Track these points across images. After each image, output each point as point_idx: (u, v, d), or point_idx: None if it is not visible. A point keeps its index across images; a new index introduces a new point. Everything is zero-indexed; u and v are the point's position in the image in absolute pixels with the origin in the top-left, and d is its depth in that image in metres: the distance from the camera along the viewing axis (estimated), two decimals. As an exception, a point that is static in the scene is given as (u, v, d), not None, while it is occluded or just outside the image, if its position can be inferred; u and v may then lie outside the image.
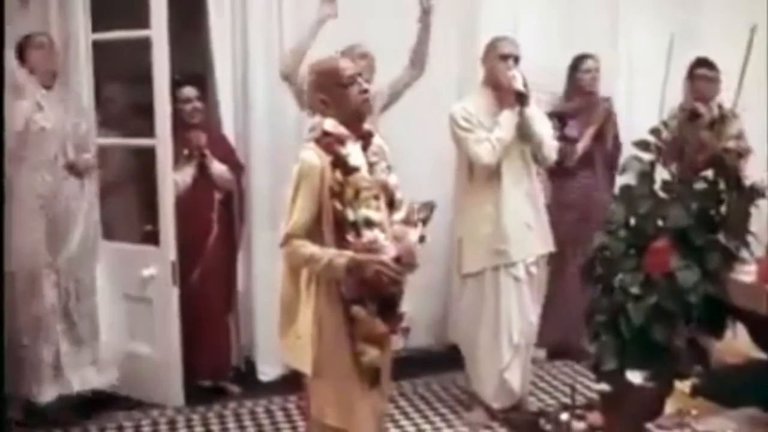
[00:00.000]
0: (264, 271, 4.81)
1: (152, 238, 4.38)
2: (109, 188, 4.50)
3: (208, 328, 4.50)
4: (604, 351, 2.90)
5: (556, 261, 4.71)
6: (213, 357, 4.57)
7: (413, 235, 2.91)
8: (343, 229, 2.75)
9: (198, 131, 4.45)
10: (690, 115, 3.23)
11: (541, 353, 4.98)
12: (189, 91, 4.47)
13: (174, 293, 4.31)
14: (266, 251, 4.79)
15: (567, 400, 4.39)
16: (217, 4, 4.64)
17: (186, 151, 4.43)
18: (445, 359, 4.81)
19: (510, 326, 4.13)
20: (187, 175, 4.42)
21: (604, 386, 2.97)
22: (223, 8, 4.68)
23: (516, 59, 4.08)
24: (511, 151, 4.06)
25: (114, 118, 4.53)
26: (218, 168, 4.47)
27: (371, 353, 2.80)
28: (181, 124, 4.39)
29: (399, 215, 2.92)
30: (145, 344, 4.44)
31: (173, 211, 4.27)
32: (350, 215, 2.75)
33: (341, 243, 2.73)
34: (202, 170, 4.45)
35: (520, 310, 4.15)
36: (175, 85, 4.37)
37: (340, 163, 2.75)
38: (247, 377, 4.81)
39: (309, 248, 2.70)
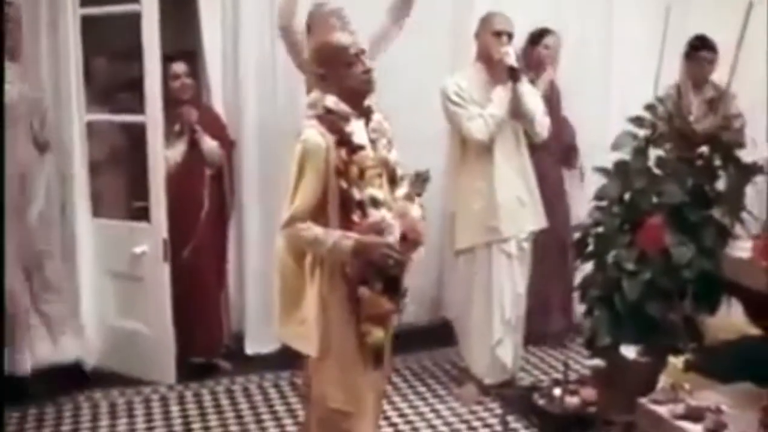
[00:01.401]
0: (254, 246, 4.82)
1: (143, 215, 4.35)
2: (99, 165, 4.47)
3: (200, 305, 4.50)
4: (598, 326, 2.92)
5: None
6: (205, 334, 4.55)
7: (416, 211, 2.89)
8: (348, 210, 2.71)
9: (189, 107, 4.41)
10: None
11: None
12: (179, 67, 4.43)
13: (165, 270, 4.30)
14: (256, 226, 4.82)
15: (557, 377, 4.49)
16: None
17: (177, 127, 4.40)
18: (435, 335, 4.82)
19: (502, 302, 4.14)
20: (177, 151, 4.39)
21: (598, 361, 2.98)
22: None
23: (509, 35, 4.07)
24: (503, 128, 4.06)
25: (103, 95, 4.49)
26: (209, 144, 4.44)
27: (376, 333, 2.77)
28: (171, 100, 4.36)
29: (401, 191, 2.88)
30: (136, 321, 4.43)
31: (164, 187, 4.25)
32: (356, 195, 2.71)
33: (346, 223, 2.70)
34: (193, 146, 4.41)
35: (512, 285, 4.16)
36: (165, 60, 4.32)
37: (344, 141, 2.70)
38: (236, 353, 4.81)
39: (313, 230, 2.65)
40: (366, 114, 2.81)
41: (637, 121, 3.00)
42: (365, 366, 2.81)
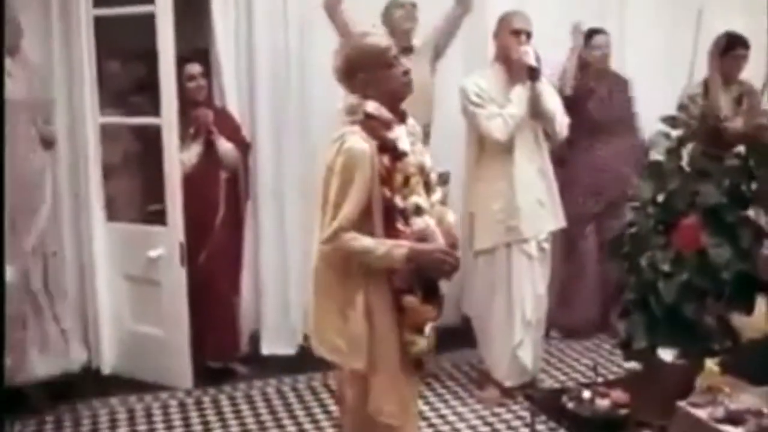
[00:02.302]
0: (270, 247, 4.79)
1: (158, 218, 4.31)
2: (113, 169, 4.42)
3: (216, 309, 4.45)
4: (634, 329, 2.88)
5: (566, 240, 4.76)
6: (222, 338, 4.51)
7: (451, 216, 2.86)
8: (391, 218, 2.63)
9: (204, 109, 4.36)
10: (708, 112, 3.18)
11: (554, 333, 4.98)
12: (193, 68, 4.38)
13: (182, 274, 4.25)
14: (272, 227, 4.78)
15: (576, 378, 4.47)
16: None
17: (192, 130, 4.35)
18: (454, 336, 4.74)
19: (523, 303, 4.12)
20: (193, 154, 4.34)
21: (633, 364, 2.95)
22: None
23: (528, 35, 4.03)
24: (523, 128, 4.03)
25: (117, 97, 4.44)
26: (225, 146, 4.39)
27: (421, 343, 2.71)
28: (186, 102, 4.30)
29: (436, 196, 2.83)
30: (152, 326, 4.38)
31: (180, 190, 4.20)
32: (399, 202, 2.64)
33: (390, 232, 2.62)
34: (209, 149, 4.36)
35: (532, 286, 4.14)
36: (179, 61, 4.27)
37: (388, 148, 2.63)
38: (252, 356, 4.77)
39: (361, 240, 2.57)
40: (402, 118, 2.74)
41: (670, 120, 2.96)
42: (409, 375, 2.76)
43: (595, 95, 4.87)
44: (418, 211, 2.69)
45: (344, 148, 2.59)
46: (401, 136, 2.70)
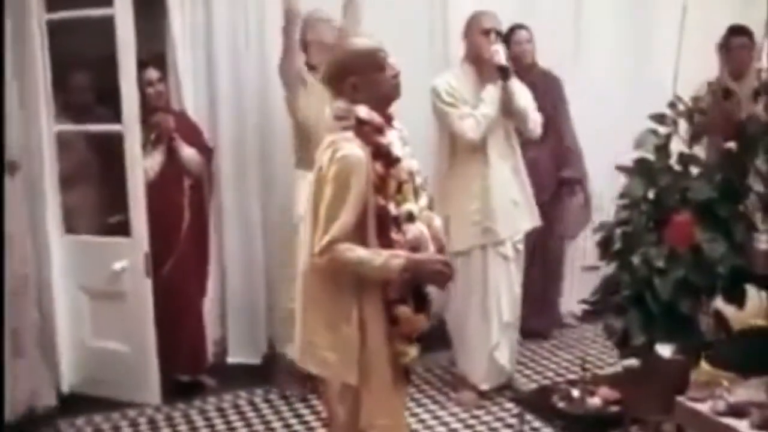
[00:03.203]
0: (235, 253, 4.67)
1: (121, 229, 4.14)
2: (70, 179, 4.24)
3: (184, 320, 4.32)
4: (631, 326, 2.88)
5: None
6: (189, 350, 4.38)
7: (437, 221, 2.81)
8: (385, 226, 2.56)
9: (165, 114, 4.23)
10: (724, 94, 3.20)
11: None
12: (151, 73, 4.23)
13: (148, 286, 4.10)
14: (236, 231, 4.66)
15: (549, 377, 4.49)
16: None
17: (153, 136, 4.20)
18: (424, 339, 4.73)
19: (500, 305, 4.11)
20: (155, 161, 4.20)
21: (633, 361, 2.95)
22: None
23: (498, 33, 4.02)
24: (495, 127, 4.01)
25: (74, 105, 4.25)
26: (187, 152, 4.26)
27: (411, 353, 2.67)
28: (144, 108, 4.16)
29: (423, 201, 2.75)
30: (116, 341, 4.21)
31: (144, 199, 4.05)
32: (393, 210, 2.58)
33: (384, 241, 2.55)
34: (171, 155, 4.23)
35: (509, 288, 4.13)
36: (137, 67, 4.12)
37: (382, 154, 2.56)
38: (218, 367, 4.64)
39: (356, 252, 2.49)
40: (390, 122, 2.67)
41: (659, 118, 2.97)
42: (399, 386, 2.71)
43: None
44: (411, 218, 2.64)
45: (338, 155, 2.51)
46: (394, 141, 2.64)
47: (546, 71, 4.84)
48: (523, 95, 4.04)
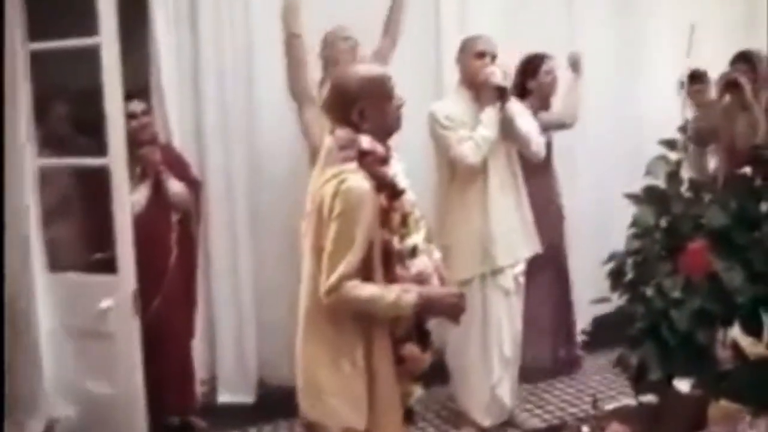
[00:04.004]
0: (223, 290, 4.54)
1: (106, 266, 3.98)
2: (53, 215, 4.08)
3: (173, 360, 4.18)
4: (648, 360, 2.76)
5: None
6: (179, 391, 4.23)
7: (437, 253, 2.71)
8: (389, 261, 2.46)
9: (151, 147, 4.10)
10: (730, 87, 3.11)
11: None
12: (136, 106, 4.11)
13: (135, 325, 3.90)
14: (225, 269, 4.54)
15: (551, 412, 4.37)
16: (162, 11, 4.30)
17: (139, 170, 4.07)
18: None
19: (500, 339, 4.00)
20: (141, 195, 4.07)
21: (650, 397, 2.84)
22: (168, 10, 4.35)
23: (493, 57, 3.95)
24: (495, 151, 3.92)
25: (56, 138, 4.11)
26: (175, 186, 4.13)
27: (417, 392, 2.60)
28: (129, 141, 4.01)
29: (422, 233, 2.65)
30: (102, 383, 4.01)
31: (131, 235, 3.90)
32: (396, 244, 2.48)
33: (389, 277, 2.46)
34: (158, 190, 4.10)
35: (510, 321, 4.02)
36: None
37: (386, 186, 2.47)
38: (208, 407, 4.48)
39: (366, 288, 2.39)
40: (389, 153, 2.57)
41: (669, 143, 2.88)
42: (404, 426, 2.61)
43: None
44: (414, 252, 2.54)
45: (344, 188, 2.39)
46: (398, 172, 2.55)
47: None
48: (523, 117, 3.96)
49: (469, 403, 4.06)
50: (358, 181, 2.40)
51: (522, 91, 4.49)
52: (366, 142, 2.46)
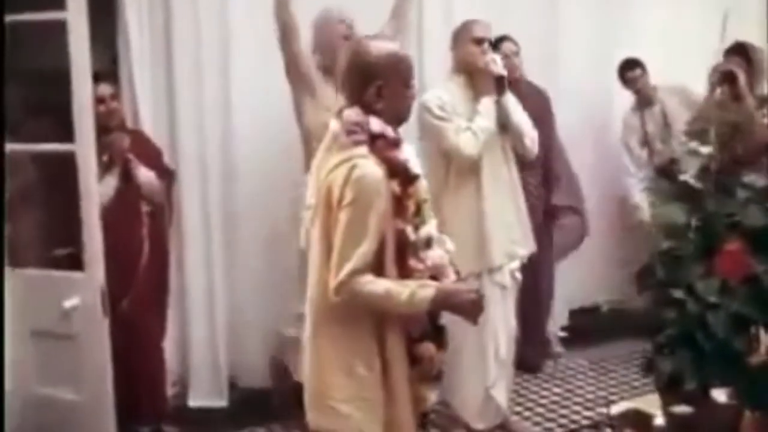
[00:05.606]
0: (196, 287, 4.25)
1: (72, 262, 3.66)
2: (14, 206, 3.73)
3: (143, 363, 3.89)
4: (682, 368, 2.59)
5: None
6: (150, 396, 3.94)
7: (449, 244, 2.51)
8: (404, 253, 2.27)
9: (119, 133, 3.78)
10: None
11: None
12: (104, 89, 3.80)
13: (104, 326, 3.59)
14: (198, 264, 4.26)
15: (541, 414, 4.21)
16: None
17: (105, 157, 3.75)
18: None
19: (496, 340, 3.81)
20: (109, 185, 3.75)
21: (684, 408, 2.66)
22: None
23: (490, 43, 3.74)
24: (491, 145, 3.71)
25: (18, 122, 3.74)
26: (146, 176, 3.82)
27: (431, 397, 2.42)
28: (96, 127, 3.69)
29: (433, 222, 2.48)
30: (67, 388, 3.70)
31: (100, 229, 3.58)
32: (411, 235, 2.29)
33: (403, 270, 2.27)
34: (127, 179, 3.78)
35: (505, 320, 3.83)
36: (90, 81, 3.66)
37: (399, 171, 2.27)
38: (179, 411, 4.20)
39: (380, 284, 2.20)
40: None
41: (700, 135, 2.71)
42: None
43: None
44: (429, 242, 2.35)
45: (356, 175, 2.20)
46: (411, 156, 2.34)
47: (532, 84, 4.57)
48: (518, 110, 3.76)
49: (461, 405, 3.87)
50: (370, 166, 2.22)
51: None
52: (376, 124, 2.28)
